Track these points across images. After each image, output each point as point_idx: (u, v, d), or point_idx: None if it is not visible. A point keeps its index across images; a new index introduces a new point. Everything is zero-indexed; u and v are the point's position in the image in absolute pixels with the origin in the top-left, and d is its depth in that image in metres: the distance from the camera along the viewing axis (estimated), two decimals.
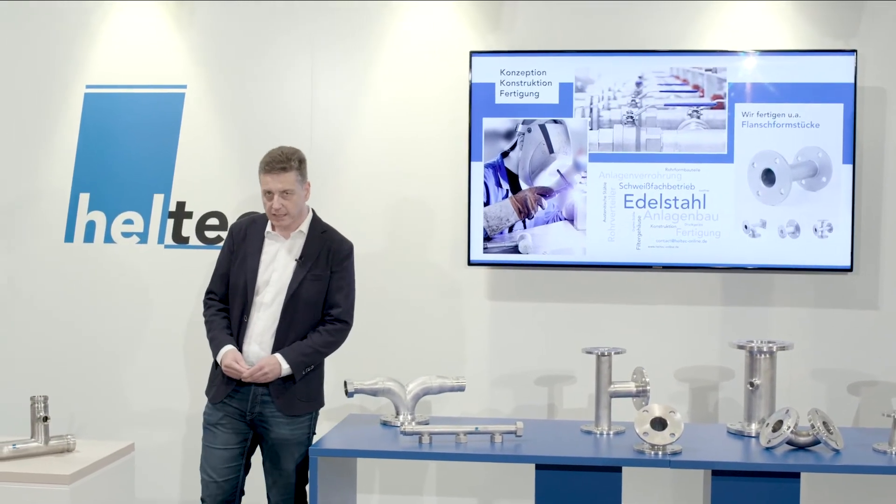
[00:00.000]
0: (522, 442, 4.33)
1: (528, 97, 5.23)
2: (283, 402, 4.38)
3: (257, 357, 4.38)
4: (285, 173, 4.38)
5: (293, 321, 4.41)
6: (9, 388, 5.59)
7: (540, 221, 5.24)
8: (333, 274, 4.50)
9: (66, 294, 5.66)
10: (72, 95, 5.64)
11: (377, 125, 5.48)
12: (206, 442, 4.45)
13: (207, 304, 4.58)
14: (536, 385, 5.42)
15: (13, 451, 3.38)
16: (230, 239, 4.60)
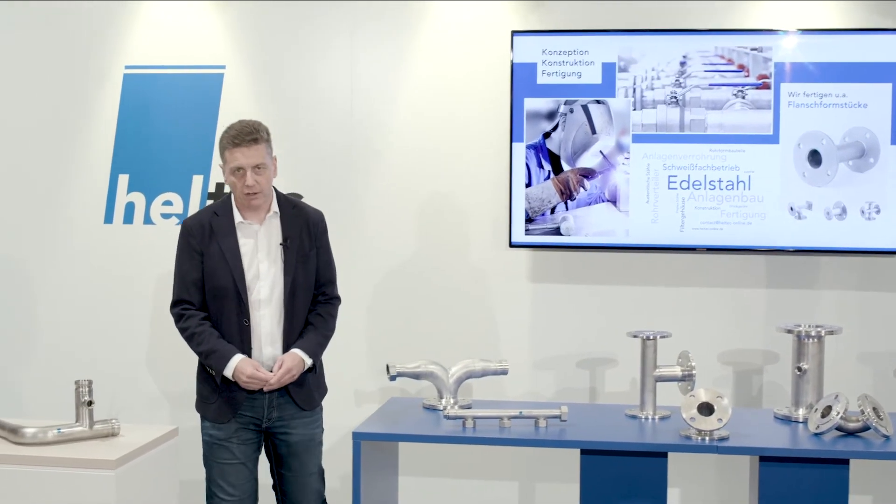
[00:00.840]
0: (567, 426, 4.29)
1: (571, 77, 5.17)
2: (303, 397, 4.21)
3: (273, 359, 4.14)
4: (256, 145, 4.05)
5: (295, 312, 4.18)
6: (51, 371, 5.59)
7: (582, 203, 5.19)
8: (318, 249, 4.26)
9: (106, 275, 5.65)
10: (111, 76, 5.61)
11: (417, 106, 5.44)
12: (220, 459, 4.16)
13: (183, 315, 4.14)
14: (578, 368, 5.38)
15: (58, 436, 3.37)
16: (190, 239, 4.17)
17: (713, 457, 5.19)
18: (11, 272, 5.73)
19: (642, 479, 4.18)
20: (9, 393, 5.53)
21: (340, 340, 5.26)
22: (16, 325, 5.75)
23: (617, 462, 4.19)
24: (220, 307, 4.12)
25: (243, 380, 4.01)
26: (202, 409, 4.19)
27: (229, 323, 4.10)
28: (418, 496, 5.45)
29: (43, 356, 5.69)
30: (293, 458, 4.24)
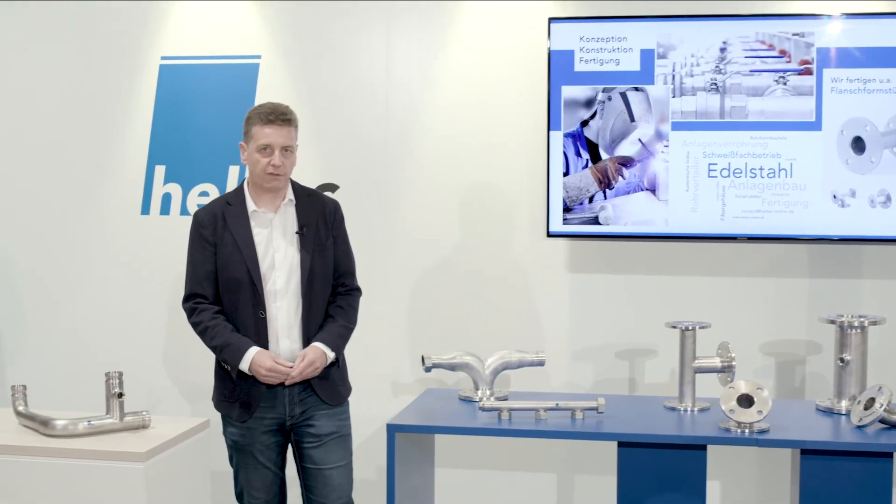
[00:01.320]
0: (604, 419, 4.24)
1: (609, 64, 5.09)
2: (328, 392, 4.07)
3: (291, 353, 3.99)
4: (288, 126, 3.97)
5: (313, 303, 4.04)
6: (87, 361, 5.60)
7: (621, 192, 5.12)
8: (336, 239, 4.14)
9: (143, 267, 5.65)
10: (147, 68, 5.61)
11: (453, 94, 5.39)
12: (244, 464, 4.06)
13: (196, 308, 4.03)
14: (617, 359, 5.31)
15: (88, 428, 3.35)
16: (201, 231, 4.06)
17: (755, 449, 5.12)
18: (49, 264, 5.75)
19: (681, 472, 4.13)
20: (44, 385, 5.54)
21: (378, 331, 5.27)
22: (51, 316, 5.77)
23: (655, 455, 4.14)
24: (234, 299, 3.99)
25: (262, 373, 3.86)
26: (220, 408, 4.07)
27: (244, 316, 3.97)
28: (456, 488, 5.42)
29: (79, 347, 5.70)
30: (317, 450, 4.07)
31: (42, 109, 5.73)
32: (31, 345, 5.80)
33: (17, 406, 3.52)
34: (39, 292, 5.79)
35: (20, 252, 5.79)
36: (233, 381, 3.96)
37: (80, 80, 5.69)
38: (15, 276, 5.81)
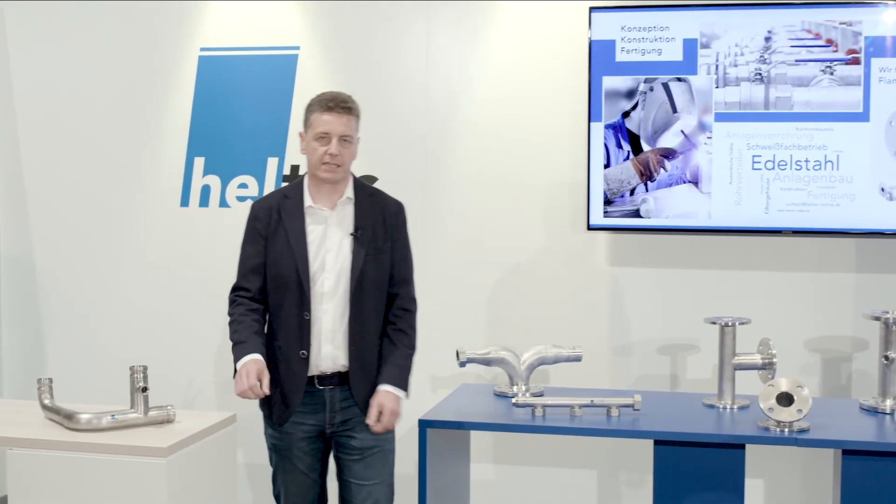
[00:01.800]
0: (640, 416, 4.16)
1: (651, 54, 5.00)
2: None
3: (332, 359, 3.81)
4: (349, 115, 3.81)
5: (363, 310, 3.83)
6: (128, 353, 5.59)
7: (663, 184, 5.02)
8: (394, 243, 3.92)
9: (182, 259, 5.65)
10: (186, 59, 5.60)
11: (493, 86, 5.32)
12: (282, 468, 3.93)
13: (235, 301, 3.91)
14: (659, 354, 5.22)
15: (112, 422, 3.33)
16: (255, 223, 3.90)
17: (799, 448, 5.00)
18: (88, 255, 5.77)
19: (719, 471, 4.03)
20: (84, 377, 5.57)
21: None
22: (91, 308, 5.79)
23: (692, 453, 4.04)
24: (280, 297, 3.83)
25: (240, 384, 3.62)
26: (262, 408, 3.93)
27: (289, 315, 3.80)
28: (493, 484, 5.36)
29: (118, 339, 5.71)
30: (357, 464, 3.91)
31: (83, 102, 5.75)
32: (72, 336, 5.82)
33: (44, 399, 3.51)
34: (79, 283, 5.81)
35: (59, 243, 5.82)
36: (274, 381, 3.76)
37: (121, 72, 5.69)
38: (54, 268, 5.84)
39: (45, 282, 5.85)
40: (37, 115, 5.82)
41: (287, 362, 3.81)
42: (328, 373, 3.82)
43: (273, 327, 3.88)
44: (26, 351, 5.87)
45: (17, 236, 5.86)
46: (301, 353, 3.78)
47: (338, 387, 3.84)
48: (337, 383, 3.84)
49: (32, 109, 5.83)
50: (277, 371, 3.80)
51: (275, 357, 3.83)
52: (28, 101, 5.82)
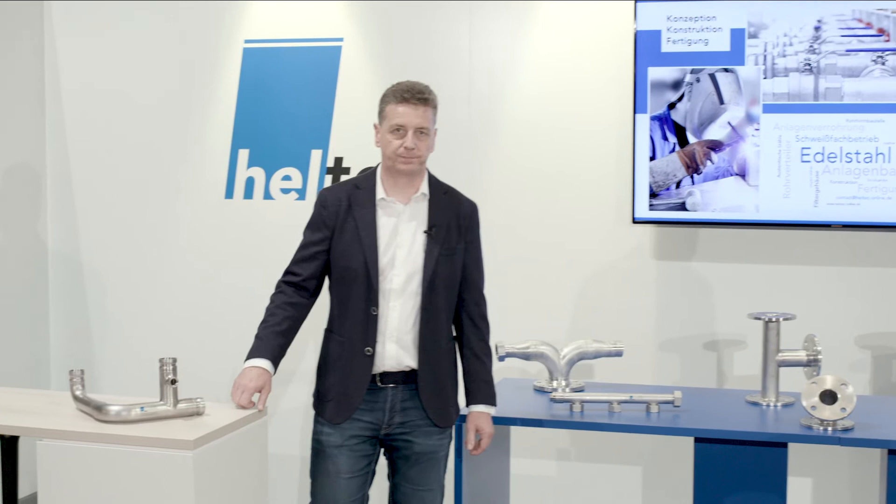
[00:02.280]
0: (681, 412, 4.08)
1: (697, 45, 4.90)
2: (438, 412, 3.70)
3: (397, 360, 3.63)
4: (425, 106, 3.61)
5: (434, 311, 3.65)
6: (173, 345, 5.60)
7: (709, 177, 4.93)
8: (468, 245, 3.77)
9: (227, 251, 5.66)
10: (231, 51, 5.60)
11: (537, 78, 5.26)
12: (326, 469, 3.69)
13: (279, 288, 3.74)
14: (705, 350, 5.13)
15: (141, 414, 3.32)
16: (322, 211, 3.69)
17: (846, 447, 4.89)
18: (133, 247, 5.80)
19: (760, 470, 3.96)
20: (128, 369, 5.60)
21: None
22: (136, 300, 5.82)
23: (733, 451, 3.98)
24: (346, 291, 3.64)
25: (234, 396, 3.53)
26: (318, 408, 3.74)
27: (355, 310, 3.61)
28: (534, 480, 5.31)
29: (163, 331, 5.73)
30: (412, 468, 3.74)
31: (128, 96, 5.78)
32: (118, 329, 5.85)
33: (75, 390, 3.51)
34: (124, 277, 5.84)
35: (106, 236, 5.85)
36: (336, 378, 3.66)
37: (166, 65, 5.71)
38: (101, 262, 5.87)
39: (91, 276, 5.88)
40: (84, 110, 5.86)
41: (350, 359, 3.64)
42: (392, 371, 3.66)
43: (337, 322, 3.71)
44: (73, 344, 5.92)
45: (65, 231, 5.90)
46: (366, 349, 3.61)
47: (401, 385, 3.67)
48: (401, 381, 3.67)
49: (79, 105, 5.87)
50: (338, 367, 3.67)
51: (337, 352, 3.68)
52: (75, 96, 5.86)
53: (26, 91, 5.81)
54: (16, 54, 5.74)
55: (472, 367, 3.78)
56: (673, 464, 5.10)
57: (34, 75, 5.85)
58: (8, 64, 5.68)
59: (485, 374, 3.79)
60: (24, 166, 5.79)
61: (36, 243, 5.88)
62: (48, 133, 5.90)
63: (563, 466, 5.34)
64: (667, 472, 5.17)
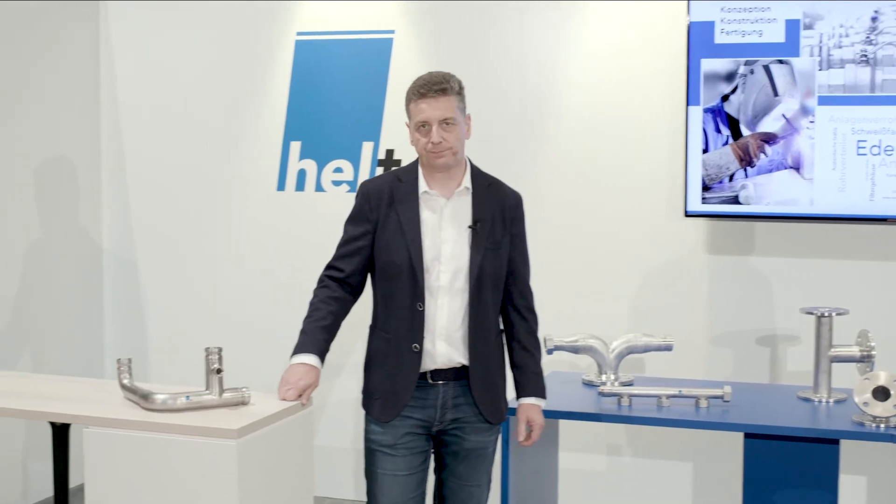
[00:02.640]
0: (731, 407, 4.04)
1: (751, 36, 4.85)
2: (490, 408, 3.62)
3: (448, 357, 3.54)
4: (445, 97, 3.46)
5: (481, 307, 3.57)
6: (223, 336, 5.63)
7: (763, 170, 4.87)
8: (513, 238, 3.66)
9: (278, 242, 5.69)
10: (283, 44, 5.62)
11: (590, 70, 5.23)
12: (382, 468, 3.61)
13: (322, 282, 3.66)
14: (757, 345, 5.08)
15: (187, 403, 3.33)
16: (364, 204, 3.59)
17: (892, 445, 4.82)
18: (184, 239, 5.85)
19: (812, 467, 3.92)
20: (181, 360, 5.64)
21: None
22: (188, 291, 5.87)
23: (783, 447, 3.93)
24: (391, 287, 3.56)
25: (281, 392, 3.48)
26: (366, 406, 3.67)
27: (400, 306, 3.54)
28: (583, 474, 5.28)
29: (214, 322, 5.79)
30: (460, 464, 3.67)
31: (181, 87, 5.83)
32: (171, 320, 5.91)
33: (122, 379, 3.53)
34: (177, 268, 5.90)
35: (158, 228, 5.92)
36: (383, 376, 3.60)
37: (219, 57, 5.76)
38: (153, 252, 5.93)
39: (144, 267, 5.95)
40: (137, 104, 5.94)
41: (397, 356, 3.56)
42: (444, 368, 3.58)
43: (382, 318, 3.64)
44: (126, 334, 5.99)
45: (119, 224, 5.98)
46: (413, 346, 3.53)
47: (452, 382, 3.59)
48: (452, 378, 3.59)
49: (133, 99, 5.94)
50: (385, 365, 3.60)
51: (383, 350, 3.61)
52: (129, 91, 5.94)
53: (82, 88, 5.89)
54: (72, 52, 5.81)
55: (521, 359, 3.72)
56: (724, 460, 5.04)
57: (89, 72, 5.93)
58: (64, 62, 5.75)
59: (534, 367, 3.71)
60: (79, 161, 5.86)
61: (91, 236, 5.95)
62: (103, 127, 5.97)
63: (613, 461, 5.31)
64: (718, 468, 5.12)
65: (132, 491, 3.24)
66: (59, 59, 5.70)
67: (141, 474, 3.23)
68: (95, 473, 3.29)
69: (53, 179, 5.68)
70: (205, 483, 3.16)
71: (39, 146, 5.58)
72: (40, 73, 5.57)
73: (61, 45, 5.72)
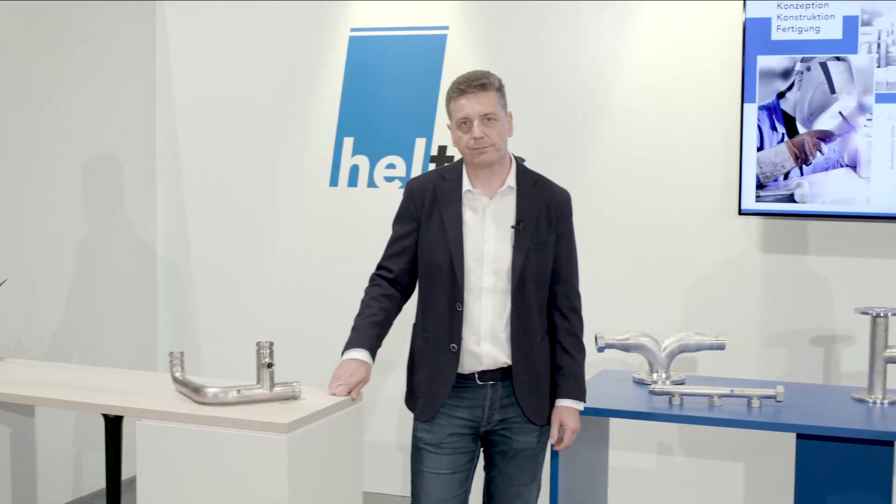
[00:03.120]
0: (783, 408, 3.99)
1: (808, 32, 4.79)
2: (535, 410, 3.61)
3: (493, 359, 3.54)
4: (484, 92, 3.45)
5: (525, 307, 3.54)
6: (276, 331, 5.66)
7: (819, 168, 4.82)
8: (559, 237, 3.61)
9: (331, 238, 5.72)
10: (337, 40, 5.65)
11: (644, 66, 5.21)
12: (426, 466, 3.62)
13: (372, 281, 3.68)
14: (811, 345, 5.02)
15: (237, 397, 3.35)
16: (409, 203, 3.60)
17: None
18: (238, 233, 5.89)
19: (865, 469, 3.85)
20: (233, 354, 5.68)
21: None
22: (244, 285, 5.92)
23: (836, 449, 3.87)
24: (432, 286, 3.57)
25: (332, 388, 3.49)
26: (408, 403, 3.71)
27: (440, 306, 3.54)
28: (634, 473, 5.26)
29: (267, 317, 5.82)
30: (508, 463, 3.67)
31: (235, 84, 5.88)
32: (223, 316, 5.96)
33: (175, 372, 3.56)
34: (230, 263, 5.95)
35: (211, 223, 5.96)
36: (423, 374, 3.62)
37: (273, 54, 5.80)
38: (205, 247, 5.98)
39: (197, 262, 6.01)
40: (192, 100, 6.02)
41: (436, 355, 3.58)
42: (491, 369, 3.58)
43: (423, 317, 3.65)
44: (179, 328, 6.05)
45: (173, 219, 6.04)
46: (451, 346, 3.54)
47: (500, 382, 3.58)
48: (499, 379, 3.58)
49: (188, 96, 6.02)
50: (425, 363, 3.62)
51: (423, 348, 3.64)
52: (184, 88, 6.02)
53: (138, 86, 5.97)
54: (128, 52, 5.89)
55: (561, 361, 3.66)
56: (776, 460, 5.00)
57: (146, 71, 6.00)
58: (121, 62, 5.82)
59: (574, 369, 3.65)
60: (135, 158, 5.95)
61: (145, 232, 6.01)
62: (158, 124, 6.03)
63: (664, 460, 5.28)
64: (770, 468, 5.07)
65: (183, 483, 3.28)
66: (116, 58, 5.77)
67: (192, 467, 3.26)
68: (147, 465, 3.33)
69: (109, 176, 5.75)
70: (255, 476, 3.19)
71: (96, 144, 5.66)
72: (98, 73, 5.64)
73: (118, 45, 5.78)
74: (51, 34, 5.34)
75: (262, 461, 3.19)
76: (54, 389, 3.73)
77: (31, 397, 3.72)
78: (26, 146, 5.23)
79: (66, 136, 5.44)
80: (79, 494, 5.57)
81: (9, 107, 5.12)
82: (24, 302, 5.18)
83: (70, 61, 5.47)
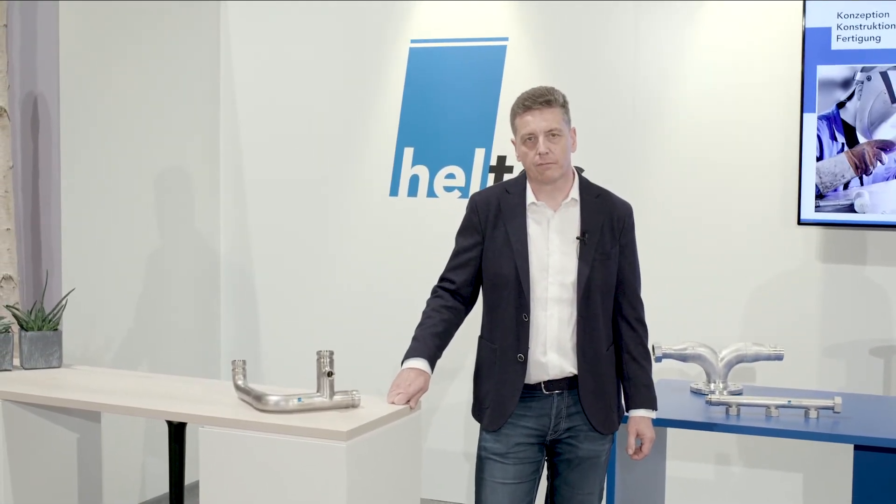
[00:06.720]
0: (841, 419, 3.98)
1: (868, 42, 4.78)
2: (600, 418, 3.62)
3: (559, 369, 3.56)
4: (550, 108, 3.50)
5: (591, 317, 3.57)
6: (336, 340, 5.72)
7: (879, 178, 4.80)
8: (623, 248, 3.65)
9: (391, 248, 5.77)
10: (397, 51, 5.70)
11: (703, 76, 5.21)
12: (491, 476, 3.63)
13: (435, 293, 3.71)
14: (871, 356, 5.00)
15: (298, 405, 3.41)
16: (472, 216, 3.64)
17: None
18: (298, 243, 5.97)
19: None
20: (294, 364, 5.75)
21: None
22: (302, 296, 5.99)
23: (895, 460, 3.85)
24: (497, 297, 3.61)
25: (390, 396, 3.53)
26: (475, 415, 3.72)
27: (506, 316, 3.57)
28: (692, 483, 5.25)
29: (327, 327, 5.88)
30: (573, 471, 3.69)
31: (296, 93, 5.95)
32: (285, 325, 6.03)
33: (237, 380, 3.63)
34: (291, 274, 6.02)
35: (272, 232, 6.04)
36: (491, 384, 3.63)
37: (334, 64, 5.86)
38: (267, 256, 6.06)
39: (260, 271, 6.08)
40: (255, 109, 6.09)
41: (503, 365, 3.60)
42: (557, 378, 3.60)
43: (489, 328, 3.68)
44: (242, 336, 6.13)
45: (236, 228, 6.11)
46: (518, 356, 3.56)
47: (566, 392, 3.60)
48: (565, 388, 3.60)
49: (252, 104, 6.09)
50: (492, 374, 3.64)
51: (490, 359, 3.65)
52: (248, 96, 6.10)
53: (202, 95, 6.05)
54: (193, 55, 5.97)
55: (631, 371, 3.69)
56: (834, 471, 4.98)
57: (210, 76, 6.08)
58: (187, 65, 5.91)
59: (644, 378, 3.68)
60: (198, 168, 6.02)
61: (209, 242, 6.10)
62: (222, 134, 6.12)
63: (721, 470, 5.27)
64: (828, 479, 5.05)
65: (245, 489, 3.34)
66: (181, 61, 5.86)
67: (253, 473, 3.32)
68: (210, 471, 3.40)
69: (174, 187, 5.84)
70: (314, 483, 3.24)
71: (161, 154, 5.74)
72: (163, 80, 5.72)
73: (183, 49, 5.87)
74: (121, 40, 5.43)
75: (321, 468, 3.24)
76: (120, 396, 3.81)
77: (97, 403, 3.79)
78: (101, 160, 5.33)
79: (133, 147, 5.52)
80: (143, 499, 5.67)
81: (83, 121, 5.20)
82: (92, 311, 5.28)
83: (142, 69, 5.56)
